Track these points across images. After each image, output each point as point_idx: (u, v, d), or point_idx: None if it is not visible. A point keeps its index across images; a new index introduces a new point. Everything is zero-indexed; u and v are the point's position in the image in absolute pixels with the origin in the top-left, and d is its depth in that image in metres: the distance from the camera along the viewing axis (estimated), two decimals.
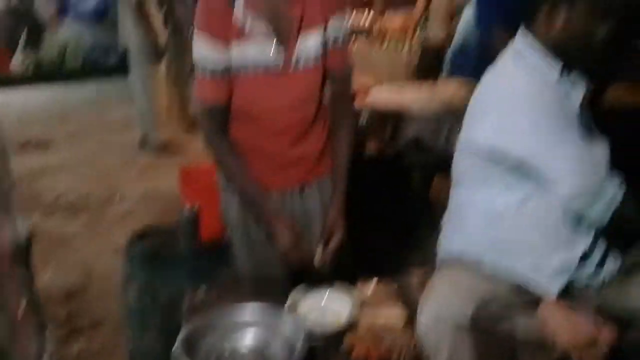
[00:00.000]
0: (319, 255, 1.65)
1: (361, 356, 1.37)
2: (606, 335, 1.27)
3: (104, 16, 8.03)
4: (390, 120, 3.15)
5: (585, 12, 1.31)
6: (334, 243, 1.64)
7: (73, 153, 5.00)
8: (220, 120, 1.58)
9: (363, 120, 2.91)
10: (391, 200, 2.79)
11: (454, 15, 4.52)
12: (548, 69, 1.38)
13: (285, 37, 1.50)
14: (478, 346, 1.21)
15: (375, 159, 2.86)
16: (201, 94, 1.56)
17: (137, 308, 2.01)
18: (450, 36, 4.48)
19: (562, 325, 1.31)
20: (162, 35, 4.77)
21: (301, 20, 1.48)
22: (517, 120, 1.31)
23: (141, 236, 2.20)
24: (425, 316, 1.29)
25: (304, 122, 1.61)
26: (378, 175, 2.82)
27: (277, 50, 1.49)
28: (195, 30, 1.49)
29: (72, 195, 4.13)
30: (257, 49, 1.49)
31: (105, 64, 7.49)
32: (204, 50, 1.49)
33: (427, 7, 4.99)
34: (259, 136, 1.61)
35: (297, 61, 1.52)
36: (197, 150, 5.04)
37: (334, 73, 1.61)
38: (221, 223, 2.14)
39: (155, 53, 4.77)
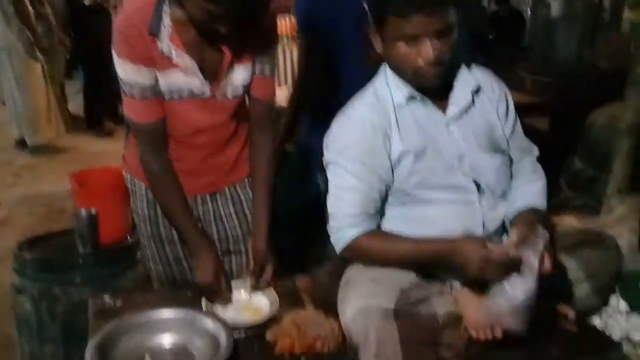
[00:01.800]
0: (247, 289, 1.60)
1: (286, 349, 1.37)
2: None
3: None
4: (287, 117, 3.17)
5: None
6: (267, 275, 1.59)
7: None
8: (155, 136, 1.49)
9: None
10: (288, 197, 2.80)
11: None
12: (394, 93, 1.41)
13: (212, 72, 1.46)
14: (403, 331, 1.24)
15: None
16: (132, 114, 1.46)
17: (32, 320, 1.86)
18: None
19: (469, 309, 1.39)
20: (37, 33, 4.48)
21: (230, 58, 1.44)
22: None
23: (30, 243, 2.03)
24: (351, 309, 1.31)
25: (222, 139, 1.59)
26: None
27: (203, 83, 1.45)
28: (115, 56, 1.40)
29: None
30: (183, 78, 1.44)
31: None
32: (128, 74, 1.40)
33: None
34: (173, 149, 1.55)
35: (225, 92, 1.49)
36: (79, 150, 4.80)
37: (258, 99, 1.58)
38: (120, 227, 2.05)
39: (30, 52, 4.47)
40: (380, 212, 1.44)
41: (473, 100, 1.45)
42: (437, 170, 1.40)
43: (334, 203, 1.42)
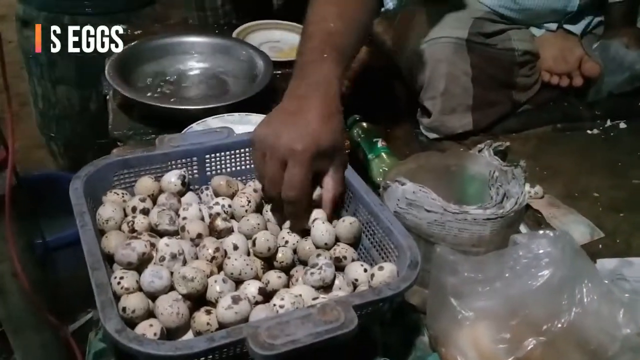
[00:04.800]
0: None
1: None
2: (588, 67, 1.18)
3: None
4: None
5: None
6: None
7: None
8: None
9: None
10: None
11: None
12: None
13: None
14: (476, 66, 1.06)
15: None
16: None
17: (41, 56, 1.67)
18: None
19: (551, 49, 1.20)
20: None
21: None
22: None
23: None
24: (415, 41, 1.09)
25: None
26: None
27: None
28: None
29: None
30: None
31: None
32: None
33: None
34: None
35: None
36: None
37: None
38: None
39: None
40: None
41: None
42: None
43: None
